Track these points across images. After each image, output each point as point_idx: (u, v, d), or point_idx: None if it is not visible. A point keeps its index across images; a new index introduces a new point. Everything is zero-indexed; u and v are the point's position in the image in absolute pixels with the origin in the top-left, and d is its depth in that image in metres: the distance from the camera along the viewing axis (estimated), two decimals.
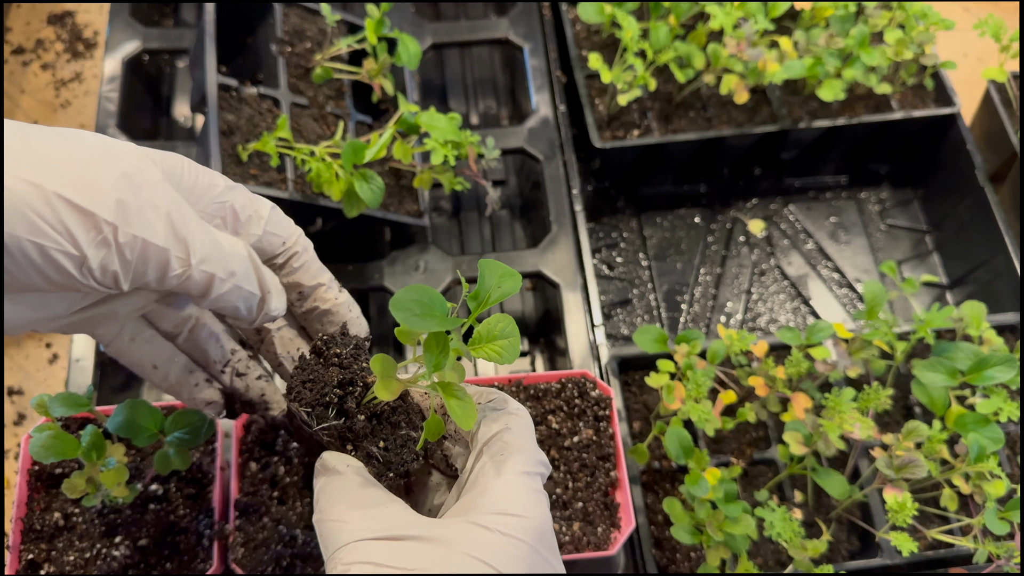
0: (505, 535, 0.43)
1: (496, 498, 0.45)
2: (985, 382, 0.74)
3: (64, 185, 0.39)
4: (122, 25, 0.99)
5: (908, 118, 1.01)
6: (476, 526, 0.43)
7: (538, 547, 0.44)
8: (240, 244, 0.49)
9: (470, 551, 0.42)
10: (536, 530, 0.44)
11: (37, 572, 0.67)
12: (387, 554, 0.42)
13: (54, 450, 0.63)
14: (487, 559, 0.41)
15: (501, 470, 0.46)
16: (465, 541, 0.42)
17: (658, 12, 1.00)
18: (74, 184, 0.39)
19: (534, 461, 0.47)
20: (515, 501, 0.45)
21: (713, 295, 1.04)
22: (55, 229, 0.39)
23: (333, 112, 0.88)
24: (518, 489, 0.46)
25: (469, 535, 0.43)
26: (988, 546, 0.71)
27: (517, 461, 0.47)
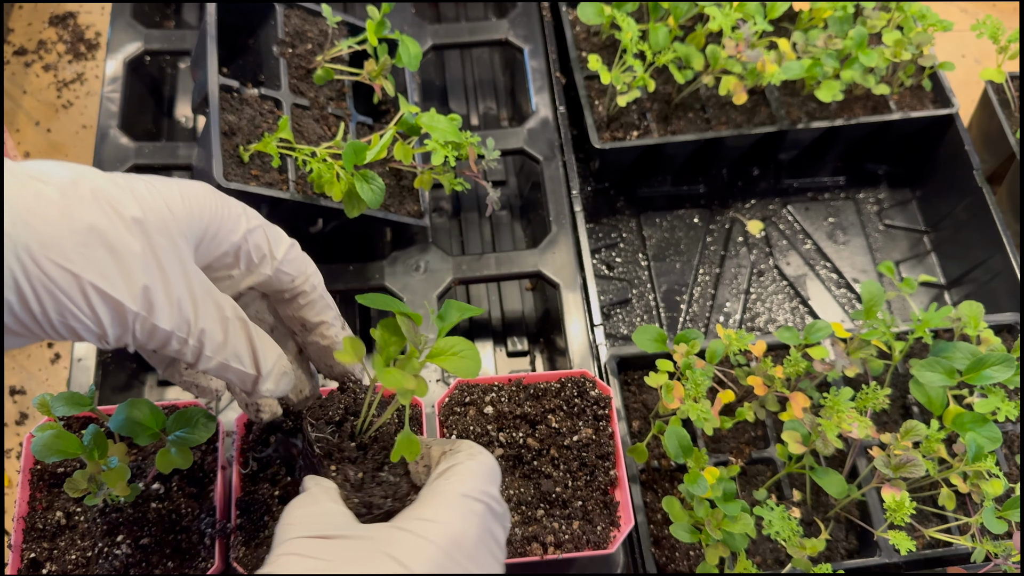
0: (419, 536, 0.47)
1: (423, 508, 0.49)
2: (983, 381, 0.75)
3: (99, 276, 0.43)
4: (124, 26, 1.00)
5: (906, 119, 1.02)
6: (396, 528, 0.48)
7: (452, 552, 0.47)
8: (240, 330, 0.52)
9: (385, 549, 0.45)
10: (452, 537, 0.47)
11: (39, 571, 0.68)
12: (314, 549, 0.46)
13: (56, 449, 0.63)
14: (398, 556, 0.45)
15: (440, 489, 0.51)
16: (384, 541, 0.46)
17: (657, 14, 1.00)
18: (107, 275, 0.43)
19: (480, 491, 0.50)
20: (438, 510, 0.49)
21: (712, 295, 1.05)
22: (85, 315, 0.43)
23: (334, 113, 0.88)
24: (448, 503, 0.49)
25: (388, 536, 0.47)
26: (986, 545, 0.72)
27: (459, 484, 0.51)
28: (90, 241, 0.42)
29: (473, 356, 0.53)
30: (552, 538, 0.69)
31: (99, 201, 0.44)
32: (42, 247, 0.41)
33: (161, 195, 0.47)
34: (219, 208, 0.51)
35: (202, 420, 0.67)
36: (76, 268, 0.42)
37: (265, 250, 0.55)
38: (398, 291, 0.88)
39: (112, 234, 0.43)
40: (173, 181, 0.49)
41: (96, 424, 0.69)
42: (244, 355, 0.52)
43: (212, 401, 0.60)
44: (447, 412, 0.74)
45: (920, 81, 1.05)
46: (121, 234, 0.44)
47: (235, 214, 0.52)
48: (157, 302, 0.45)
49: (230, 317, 0.51)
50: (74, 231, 0.42)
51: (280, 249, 0.56)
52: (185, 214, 0.48)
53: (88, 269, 0.42)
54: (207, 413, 0.67)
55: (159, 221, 0.46)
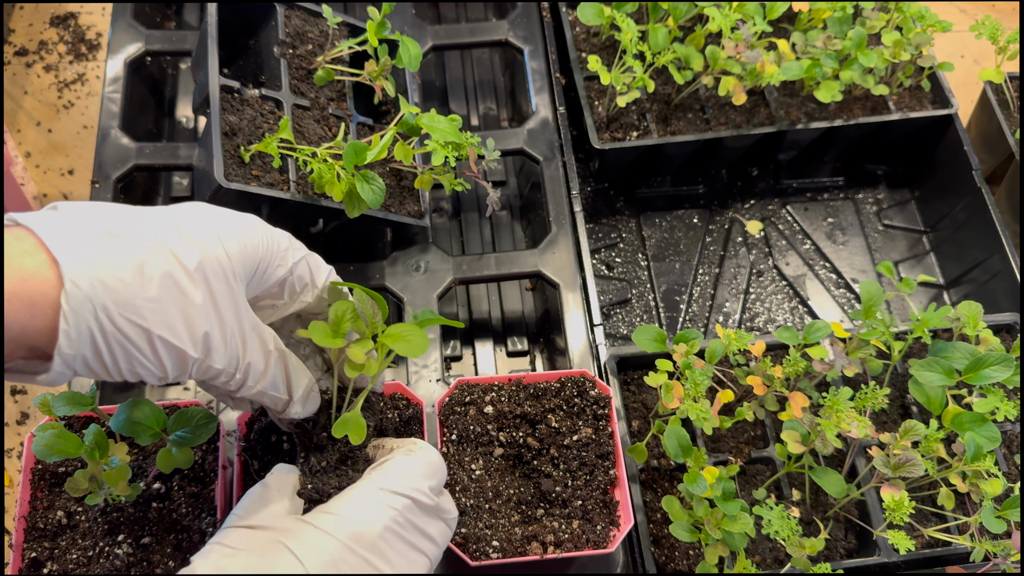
0: (320, 530, 0.50)
1: (336, 502, 0.53)
2: (982, 381, 0.75)
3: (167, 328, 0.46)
4: (125, 27, 1.00)
5: (905, 119, 1.02)
6: (303, 522, 0.51)
7: (353, 545, 0.50)
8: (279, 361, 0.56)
9: (289, 543, 0.50)
10: (352, 530, 0.51)
11: (40, 570, 0.68)
12: (238, 539, 0.51)
13: (57, 449, 0.63)
14: (298, 552, 0.49)
15: (361, 483, 0.55)
16: (291, 534, 0.51)
17: (657, 14, 1.00)
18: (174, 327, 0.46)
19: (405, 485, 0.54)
20: (345, 504, 0.52)
21: (711, 295, 1.05)
22: (151, 362, 0.47)
23: (335, 114, 0.88)
24: (359, 496, 0.53)
25: (297, 529, 0.51)
26: (985, 544, 0.72)
27: (381, 478, 0.54)
28: (161, 296, 0.46)
29: (417, 339, 0.56)
30: (552, 537, 0.69)
31: (167, 254, 0.47)
32: (118, 306, 0.44)
33: (219, 239, 0.50)
34: (269, 245, 0.54)
35: (203, 420, 0.67)
36: (148, 324, 0.45)
37: (307, 280, 0.58)
38: (398, 291, 0.89)
39: (179, 287, 0.47)
40: (228, 219, 0.52)
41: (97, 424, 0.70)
42: (280, 384, 0.57)
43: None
44: (447, 412, 0.75)
45: (919, 81, 1.05)
46: (186, 286, 0.47)
47: (282, 248, 0.56)
48: (214, 346, 0.49)
49: (272, 350, 0.55)
50: (146, 288, 0.45)
51: (321, 277, 0.60)
52: (239, 256, 0.51)
53: (158, 324, 0.46)
54: (208, 413, 0.67)
55: (217, 267, 0.49)
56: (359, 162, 0.76)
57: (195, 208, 0.52)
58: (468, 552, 0.68)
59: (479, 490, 0.71)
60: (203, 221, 0.50)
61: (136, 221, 0.47)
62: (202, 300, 0.48)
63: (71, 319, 0.42)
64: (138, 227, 0.47)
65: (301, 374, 0.59)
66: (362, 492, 0.54)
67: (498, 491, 0.72)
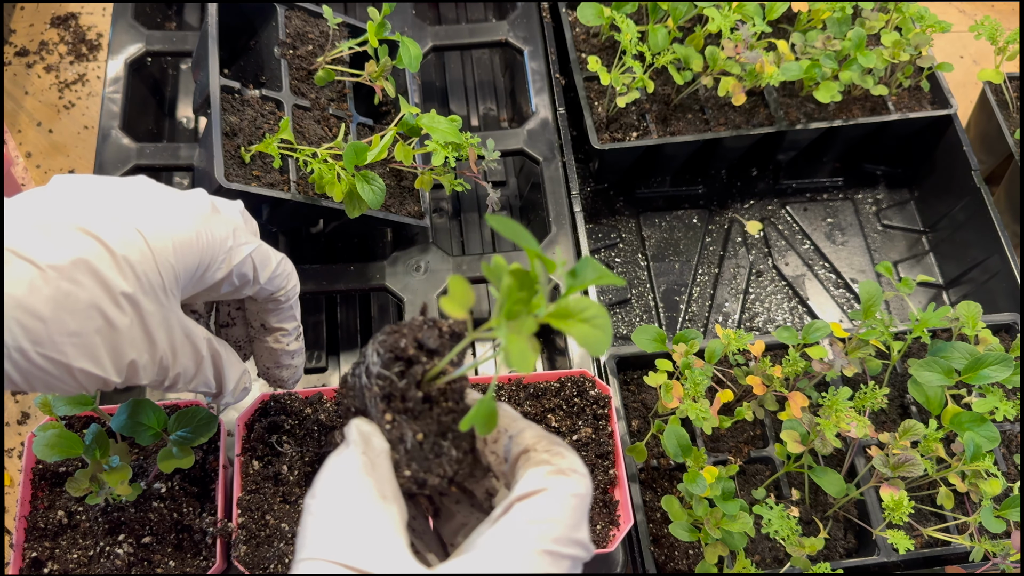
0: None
1: (489, 565, 0.37)
2: (981, 381, 0.75)
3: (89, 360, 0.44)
4: (125, 27, 1.00)
5: (904, 119, 1.02)
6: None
7: None
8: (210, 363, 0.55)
9: None
10: None
11: (41, 570, 0.68)
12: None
13: (58, 449, 0.64)
14: None
15: (517, 536, 0.39)
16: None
17: (656, 15, 1.00)
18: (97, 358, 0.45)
19: (566, 539, 0.39)
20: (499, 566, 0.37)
21: (711, 295, 1.05)
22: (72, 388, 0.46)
23: (335, 114, 0.88)
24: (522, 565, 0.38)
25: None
26: (984, 544, 0.72)
27: (544, 533, 0.39)
28: (82, 329, 0.43)
29: (606, 326, 0.38)
30: None
31: (90, 280, 0.44)
32: (35, 346, 0.42)
33: (154, 255, 0.47)
34: (208, 250, 0.51)
35: (203, 420, 0.67)
36: (68, 359, 0.43)
37: (250, 277, 0.55)
38: (399, 291, 0.89)
39: (104, 317, 0.44)
40: (167, 217, 0.48)
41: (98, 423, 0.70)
42: (211, 381, 0.56)
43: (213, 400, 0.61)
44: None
45: (918, 82, 1.05)
46: (112, 315, 0.45)
47: (225, 249, 0.52)
48: (141, 367, 0.48)
49: (204, 355, 0.53)
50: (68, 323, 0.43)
51: (265, 274, 0.56)
52: (173, 270, 0.48)
53: (79, 358, 0.44)
54: (208, 413, 0.68)
55: (149, 286, 0.46)
56: (359, 162, 0.76)
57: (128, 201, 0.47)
58: None
59: None
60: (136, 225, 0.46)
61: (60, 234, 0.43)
62: (129, 327, 0.46)
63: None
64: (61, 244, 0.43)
65: (233, 369, 0.57)
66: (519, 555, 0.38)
67: None
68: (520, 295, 0.38)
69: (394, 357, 0.45)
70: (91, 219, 0.45)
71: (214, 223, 0.51)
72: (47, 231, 0.43)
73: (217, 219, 0.52)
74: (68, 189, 0.47)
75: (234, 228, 0.53)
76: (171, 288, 0.48)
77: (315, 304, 0.98)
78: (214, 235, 0.51)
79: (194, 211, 0.50)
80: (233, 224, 0.53)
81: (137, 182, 0.50)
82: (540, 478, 0.41)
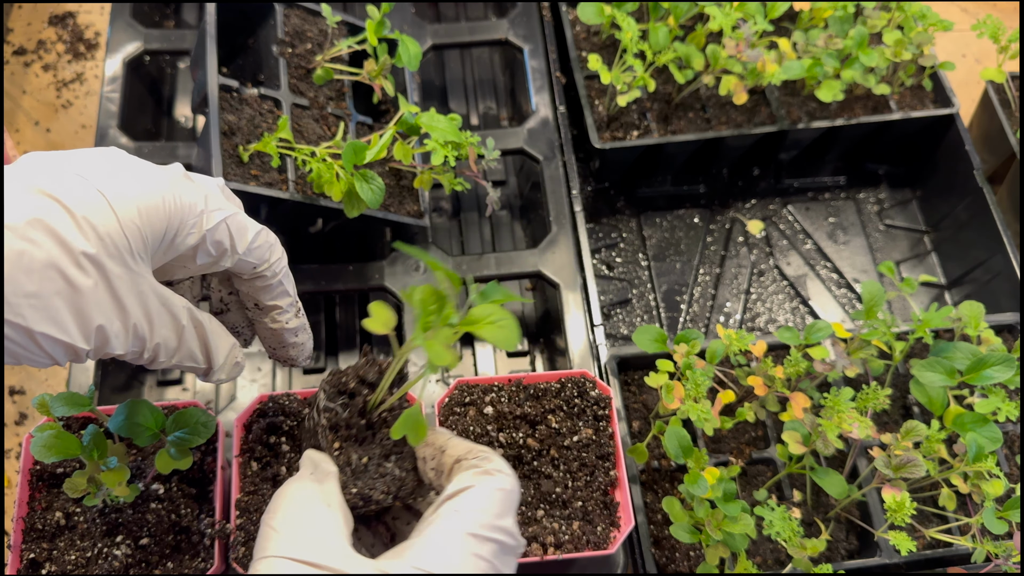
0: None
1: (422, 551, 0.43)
2: (983, 382, 0.75)
3: (51, 325, 0.42)
4: (123, 26, 1.00)
5: (906, 119, 1.02)
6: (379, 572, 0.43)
7: None
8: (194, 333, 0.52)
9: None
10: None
11: (38, 571, 0.68)
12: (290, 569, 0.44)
13: (56, 450, 0.63)
14: None
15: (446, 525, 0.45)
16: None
17: (657, 13, 1.00)
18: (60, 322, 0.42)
19: (489, 526, 0.45)
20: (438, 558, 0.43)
21: (712, 295, 1.05)
22: (39, 356, 0.44)
23: (334, 113, 0.88)
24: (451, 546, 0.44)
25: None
26: (986, 545, 0.71)
27: (468, 519, 0.45)
28: (41, 290, 0.41)
29: (511, 326, 0.47)
30: (552, 538, 0.69)
31: (47, 239, 0.42)
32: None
33: (116, 215, 0.44)
34: (178, 209, 0.49)
35: (201, 421, 0.67)
36: (28, 322, 0.41)
37: (227, 246, 0.52)
38: (398, 291, 0.88)
39: (64, 277, 0.42)
40: (131, 181, 0.46)
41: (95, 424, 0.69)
42: (198, 354, 0.53)
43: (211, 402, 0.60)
44: (447, 412, 0.74)
45: (920, 81, 1.04)
46: (73, 275, 0.42)
47: (196, 213, 0.50)
48: (112, 334, 0.45)
49: (185, 325, 0.51)
50: (24, 283, 0.41)
51: (243, 243, 0.53)
52: (139, 232, 0.46)
53: (40, 321, 0.42)
54: (206, 414, 0.67)
55: (113, 248, 0.44)
56: (358, 161, 0.75)
57: (90, 166, 0.45)
58: None
59: None
60: (97, 187, 0.44)
61: (13, 194, 0.42)
62: (93, 288, 0.43)
63: None
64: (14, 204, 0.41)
65: (222, 342, 0.54)
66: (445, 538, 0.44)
67: None
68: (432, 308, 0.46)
69: (337, 392, 0.53)
70: (50, 182, 0.43)
71: (183, 187, 0.49)
72: (3, 195, 0.42)
73: (188, 184, 0.50)
74: (32, 160, 0.45)
75: (206, 195, 0.51)
76: (139, 251, 0.46)
77: (314, 304, 0.97)
78: (183, 199, 0.49)
79: (161, 176, 0.49)
80: (206, 191, 0.51)
81: (106, 152, 0.48)
82: (467, 479, 0.48)
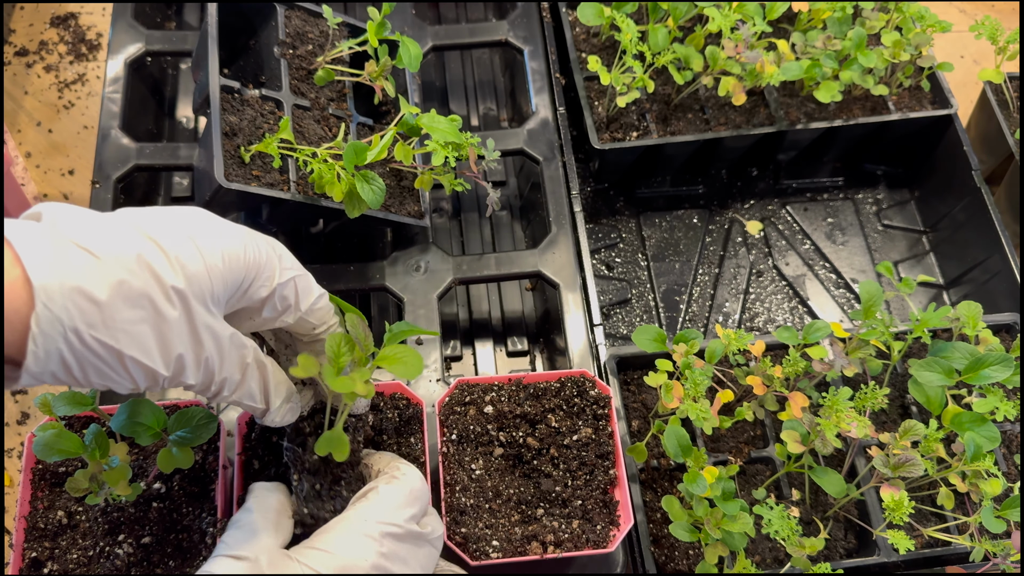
0: (302, 565, 0.53)
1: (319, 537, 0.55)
2: (981, 381, 0.75)
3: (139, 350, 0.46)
4: (125, 27, 1.00)
5: (905, 119, 1.02)
6: (287, 557, 0.54)
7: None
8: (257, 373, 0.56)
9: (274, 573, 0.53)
10: (341, 566, 0.53)
11: (40, 570, 0.68)
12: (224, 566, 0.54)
13: (58, 449, 0.63)
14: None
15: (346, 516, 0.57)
16: (275, 567, 0.53)
17: (656, 15, 1.00)
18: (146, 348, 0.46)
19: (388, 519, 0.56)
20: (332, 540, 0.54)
21: (711, 295, 1.05)
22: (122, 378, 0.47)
23: (335, 114, 0.88)
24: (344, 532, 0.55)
25: (280, 563, 0.54)
26: (985, 544, 0.72)
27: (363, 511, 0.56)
28: (134, 317, 0.45)
29: (413, 362, 0.58)
30: (552, 537, 0.69)
31: (144, 272, 0.46)
32: (89, 328, 0.43)
33: (204, 259, 0.49)
34: (255, 262, 0.53)
35: (203, 420, 0.67)
36: (119, 344, 0.45)
37: (291, 302, 0.57)
38: (399, 291, 0.89)
39: (155, 307, 0.46)
40: (218, 233, 0.51)
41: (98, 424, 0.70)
42: (257, 394, 0.57)
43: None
44: (447, 412, 0.75)
45: (919, 82, 1.05)
46: (162, 306, 0.47)
47: (270, 267, 0.55)
48: (188, 365, 0.49)
49: (250, 363, 0.55)
50: (121, 309, 0.45)
51: (306, 302, 0.58)
52: (222, 278, 0.50)
53: (130, 345, 0.45)
54: (208, 413, 0.68)
55: (198, 289, 0.49)
56: (359, 162, 0.76)
57: (183, 218, 0.51)
58: (468, 552, 0.68)
59: (479, 490, 0.71)
60: (188, 234, 0.49)
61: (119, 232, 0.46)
62: (178, 320, 0.47)
63: (40, 341, 0.42)
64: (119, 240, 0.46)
65: (281, 385, 0.59)
66: (347, 527, 0.56)
67: (498, 491, 0.72)
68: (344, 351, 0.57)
69: (296, 433, 0.64)
70: (150, 225, 0.48)
71: (261, 245, 0.55)
72: (106, 228, 0.46)
73: (265, 243, 0.55)
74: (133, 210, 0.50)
75: (280, 255, 0.56)
76: (218, 294, 0.51)
77: None
78: (260, 252, 0.54)
79: (244, 232, 0.54)
80: (280, 251, 0.57)
81: (194, 210, 0.53)
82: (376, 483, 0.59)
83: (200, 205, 0.77)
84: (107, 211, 0.49)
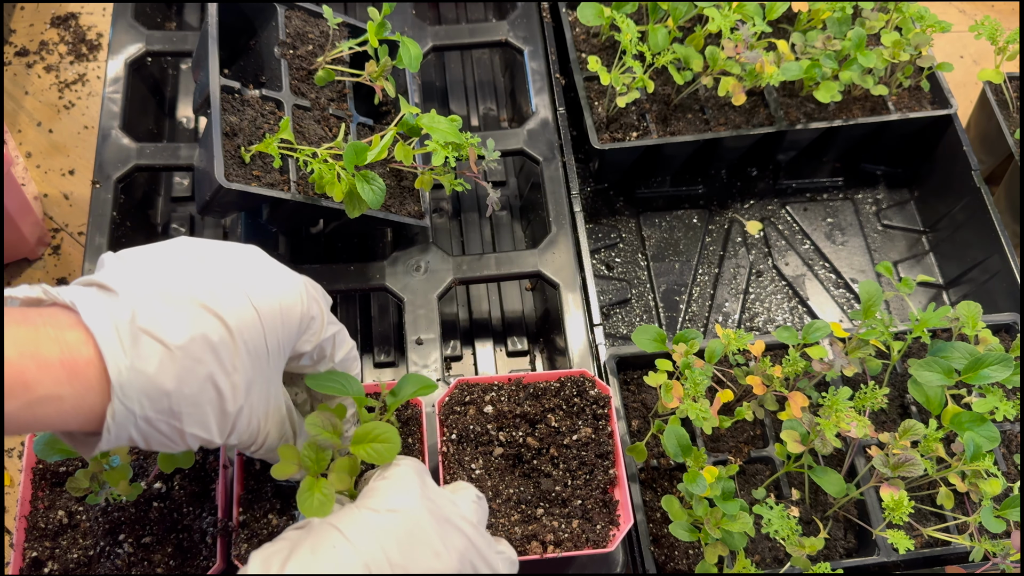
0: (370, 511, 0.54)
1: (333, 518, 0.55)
2: (981, 381, 0.75)
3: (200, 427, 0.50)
4: (125, 27, 1.00)
5: (904, 119, 1.02)
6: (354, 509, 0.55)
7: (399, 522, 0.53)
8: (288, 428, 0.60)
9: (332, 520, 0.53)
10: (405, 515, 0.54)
11: (41, 570, 0.68)
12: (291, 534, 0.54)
13: (58, 448, 0.64)
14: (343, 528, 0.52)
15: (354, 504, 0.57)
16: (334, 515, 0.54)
17: (656, 15, 1.00)
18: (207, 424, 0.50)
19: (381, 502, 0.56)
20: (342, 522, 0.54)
21: (711, 295, 1.05)
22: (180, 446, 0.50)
23: (335, 114, 0.88)
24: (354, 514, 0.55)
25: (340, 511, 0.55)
26: (984, 544, 0.72)
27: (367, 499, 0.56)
28: (199, 398, 0.49)
29: (390, 440, 0.58)
30: (551, 537, 0.69)
31: (210, 357, 0.48)
32: (158, 414, 0.47)
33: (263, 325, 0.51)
34: (307, 318, 0.56)
35: None
36: (183, 425, 0.49)
37: (327, 353, 0.60)
38: (399, 291, 0.89)
39: (217, 389, 0.49)
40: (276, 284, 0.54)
41: None
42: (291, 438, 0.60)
43: None
44: (447, 411, 0.75)
45: (918, 82, 1.05)
46: (224, 387, 0.50)
47: (317, 323, 0.57)
48: (239, 428, 0.53)
49: (284, 417, 0.58)
50: (186, 396, 0.48)
51: (340, 353, 0.61)
52: (277, 337, 0.53)
53: (192, 424, 0.49)
54: None
55: (258, 361, 0.52)
56: (359, 162, 0.76)
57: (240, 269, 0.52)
58: None
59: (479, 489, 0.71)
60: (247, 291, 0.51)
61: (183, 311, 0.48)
62: (237, 393, 0.51)
63: (113, 429, 0.46)
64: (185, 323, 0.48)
65: (302, 437, 0.61)
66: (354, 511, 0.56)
67: (498, 490, 0.72)
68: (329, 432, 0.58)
69: None
70: (210, 294, 0.50)
71: (311, 298, 0.57)
72: (173, 307, 0.48)
73: (315, 290, 0.58)
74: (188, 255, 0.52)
75: (323, 308, 0.59)
76: (275, 354, 0.54)
77: None
78: (313, 304, 0.57)
79: (298, 280, 0.56)
80: (322, 304, 0.59)
81: (248, 253, 0.55)
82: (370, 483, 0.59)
83: (200, 205, 0.77)
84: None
